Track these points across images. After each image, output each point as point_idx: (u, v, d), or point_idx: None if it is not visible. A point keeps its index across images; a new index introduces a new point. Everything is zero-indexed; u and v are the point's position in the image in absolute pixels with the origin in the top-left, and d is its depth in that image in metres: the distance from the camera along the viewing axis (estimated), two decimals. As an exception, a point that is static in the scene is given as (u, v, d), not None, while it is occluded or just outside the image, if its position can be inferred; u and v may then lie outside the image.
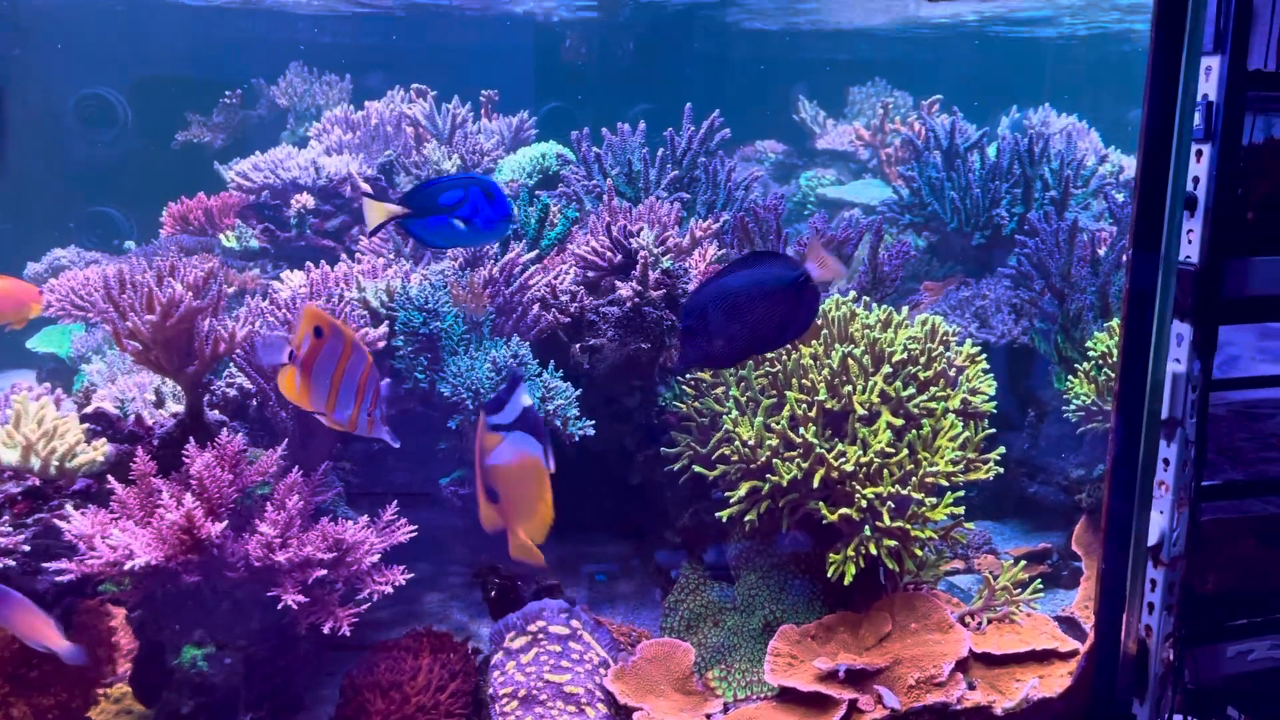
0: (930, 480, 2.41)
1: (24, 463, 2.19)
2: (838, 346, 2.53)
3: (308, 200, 3.68)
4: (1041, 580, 2.87)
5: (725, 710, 2.32)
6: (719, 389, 2.63)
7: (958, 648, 2.36)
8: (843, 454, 2.41)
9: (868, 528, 2.38)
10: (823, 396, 2.47)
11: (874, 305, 2.70)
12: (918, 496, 2.39)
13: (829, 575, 2.39)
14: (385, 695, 2.27)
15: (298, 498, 2.11)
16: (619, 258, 2.66)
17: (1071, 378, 2.88)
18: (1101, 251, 3.06)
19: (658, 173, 3.42)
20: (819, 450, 2.39)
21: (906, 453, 2.43)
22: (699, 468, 2.56)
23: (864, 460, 2.40)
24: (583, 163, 3.58)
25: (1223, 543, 2.07)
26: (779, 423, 2.44)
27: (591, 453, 2.74)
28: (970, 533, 3.04)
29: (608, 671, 2.32)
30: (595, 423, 2.59)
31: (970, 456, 2.51)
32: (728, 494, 2.47)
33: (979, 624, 2.53)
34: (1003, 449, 2.54)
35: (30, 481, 2.19)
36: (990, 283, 3.43)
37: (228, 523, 2.07)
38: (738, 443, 2.46)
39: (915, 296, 3.46)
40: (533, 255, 2.90)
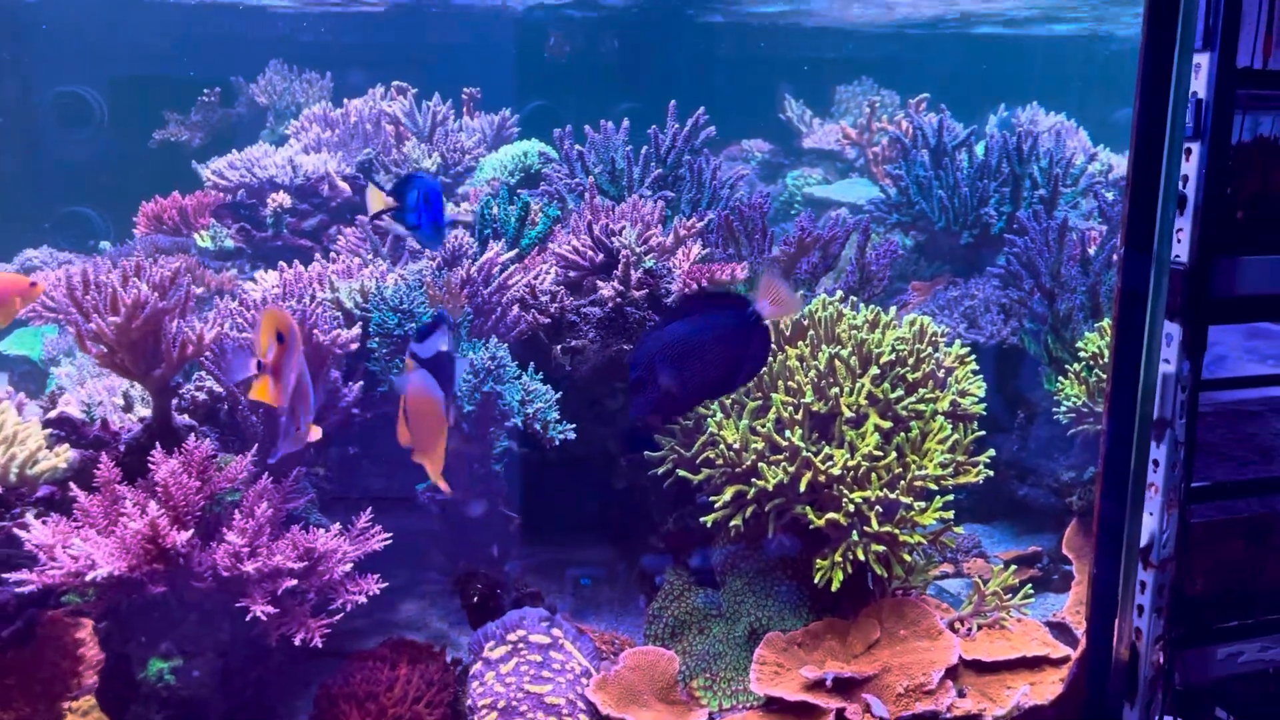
0: (919, 484, 2.37)
1: (-17, 470, 2.12)
2: (824, 348, 2.47)
3: (284, 199, 3.61)
4: (1032, 584, 2.84)
5: (710, 720, 2.27)
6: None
7: (947, 655, 2.32)
8: (830, 457, 2.36)
9: (855, 533, 2.33)
10: (809, 399, 2.41)
11: (861, 305, 2.65)
12: (906, 501, 2.35)
13: (816, 581, 2.34)
14: (361, 706, 2.21)
15: (267, 505, 2.05)
16: (601, 257, 2.60)
17: (1062, 379, 2.83)
18: (1091, 251, 3.01)
19: (641, 171, 3.36)
20: (805, 454, 2.34)
21: (895, 456, 2.38)
22: (683, 471, 2.50)
23: (851, 464, 2.35)
24: (565, 161, 3.52)
25: (1212, 544, 2.05)
26: (764, 425, 2.39)
27: (574, 456, 2.68)
28: (959, 536, 2.99)
29: (590, 681, 2.27)
30: (576, 426, 2.53)
31: (960, 459, 2.46)
32: (712, 498, 2.41)
33: (969, 630, 2.49)
34: (992, 451, 2.50)
35: (-10, 489, 2.12)
36: (979, 282, 3.38)
37: (194, 531, 2.00)
38: (722, 446, 2.40)
39: (903, 296, 3.41)
40: (512, 254, 2.84)
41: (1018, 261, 3.06)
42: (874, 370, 2.45)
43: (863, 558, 2.31)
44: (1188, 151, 1.87)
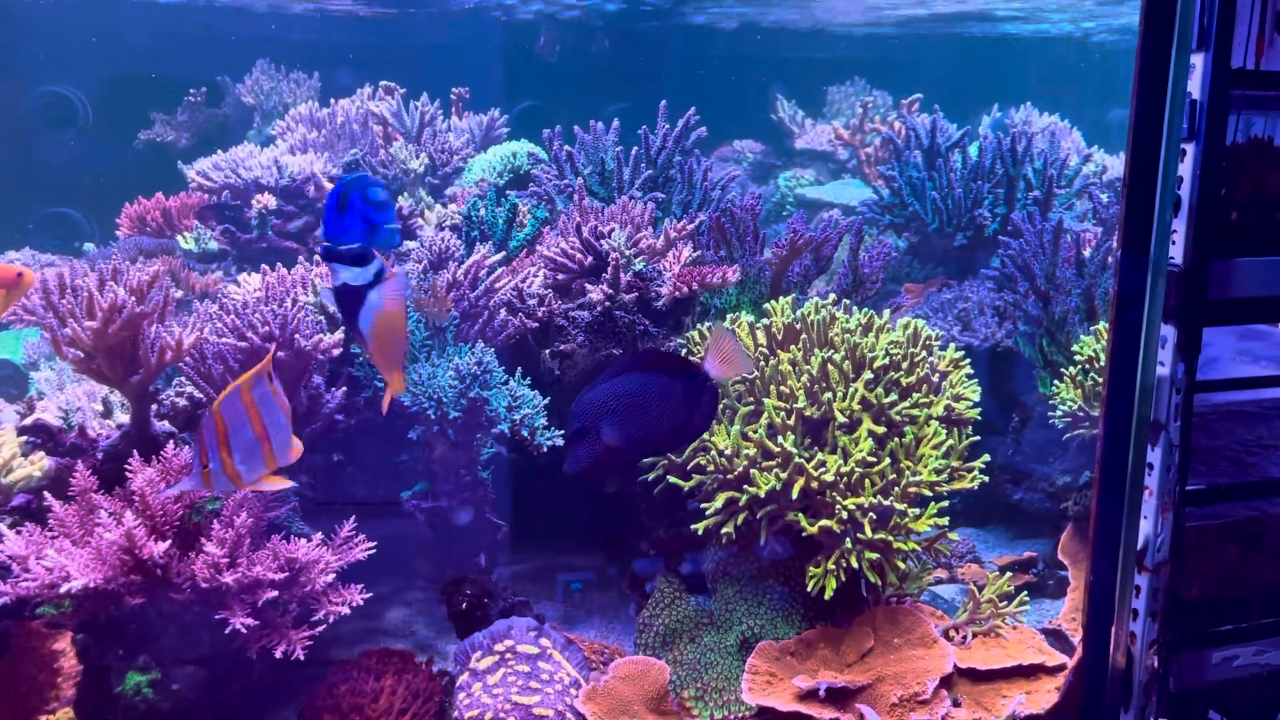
0: (913, 490, 2.33)
1: (-44, 478, 2.07)
2: (817, 352, 2.43)
3: (269, 200, 3.55)
4: (1027, 590, 2.81)
5: (701, 732, 2.23)
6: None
7: (942, 663, 2.29)
8: (822, 463, 2.32)
9: (849, 540, 2.29)
10: (802, 404, 2.37)
11: (855, 308, 2.61)
12: (900, 507, 2.31)
13: (809, 589, 2.30)
14: (345, 719, 2.17)
15: (246, 514, 2.00)
16: (589, 260, 2.56)
17: (1057, 382, 2.80)
18: (1087, 253, 2.98)
19: (631, 172, 3.32)
20: (798, 460, 2.30)
21: (888, 462, 2.34)
22: (674, 478, 2.46)
23: (845, 470, 2.31)
24: (554, 161, 3.47)
25: (1207, 548, 2.03)
26: (756, 431, 2.35)
27: (561, 460, 2.63)
28: (954, 542, 2.96)
29: (579, 692, 2.23)
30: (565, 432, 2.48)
31: (954, 465, 2.42)
32: (704, 505, 2.37)
33: (964, 638, 2.46)
34: (987, 457, 2.46)
35: (-37, 498, 2.07)
36: (973, 285, 3.35)
37: (172, 541, 1.95)
38: (714, 452, 2.36)
39: (896, 299, 3.37)
40: (500, 257, 2.79)
41: (1012, 264, 3.02)
42: (867, 375, 2.41)
43: (856, 565, 2.27)
44: (1182, 153, 1.85)
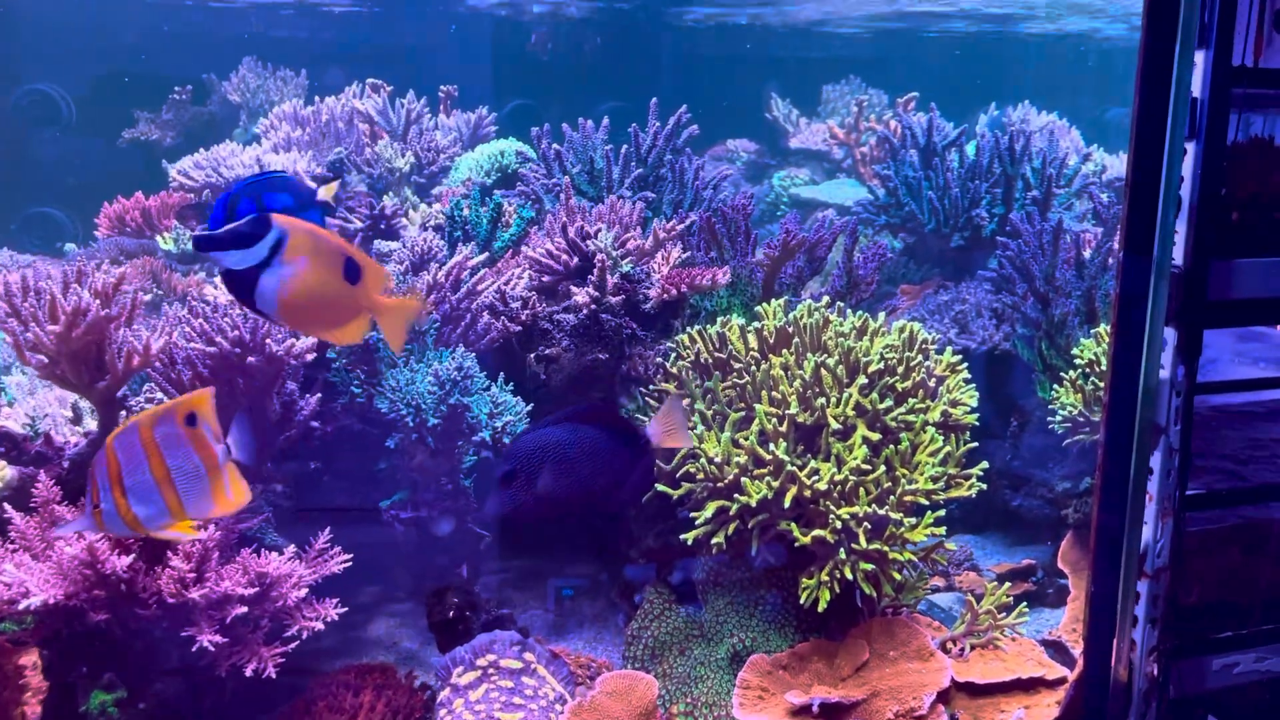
0: (909, 499, 2.26)
1: (-86, 489, 1.99)
2: (810, 356, 2.36)
3: (251, 200, 3.46)
4: (1026, 599, 2.74)
5: (690, 751, 2.16)
6: (684, 401, 2.46)
7: (939, 677, 2.22)
8: (816, 471, 2.25)
9: (843, 550, 2.22)
10: (794, 410, 2.30)
11: (849, 311, 2.54)
12: (896, 516, 2.23)
13: (802, 601, 2.23)
14: (321, 737, 2.09)
15: (214, 527, 1.92)
16: (575, 261, 2.48)
17: (1057, 387, 2.73)
18: (1087, 254, 2.91)
19: (621, 171, 3.24)
20: (790, 468, 2.23)
21: (884, 469, 2.27)
22: (662, 486, 2.38)
23: (838, 478, 2.24)
24: (542, 160, 3.40)
25: (1207, 553, 1.98)
26: (748, 438, 2.27)
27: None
28: (951, 550, 2.90)
29: (564, 708, 2.16)
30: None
31: (951, 472, 2.35)
32: (693, 514, 2.30)
33: (961, 650, 2.39)
34: (985, 464, 2.39)
35: (-79, 509, 1.98)
36: (970, 286, 3.27)
37: (137, 555, 1.87)
38: (703, 460, 2.29)
39: (892, 301, 3.30)
40: (484, 258, 2.71)
41: (1011, 265, 2.95)
42: (862, 380, 2.33)
43: (851, 576, 2.20)
44: (1183, 152, 1.80)
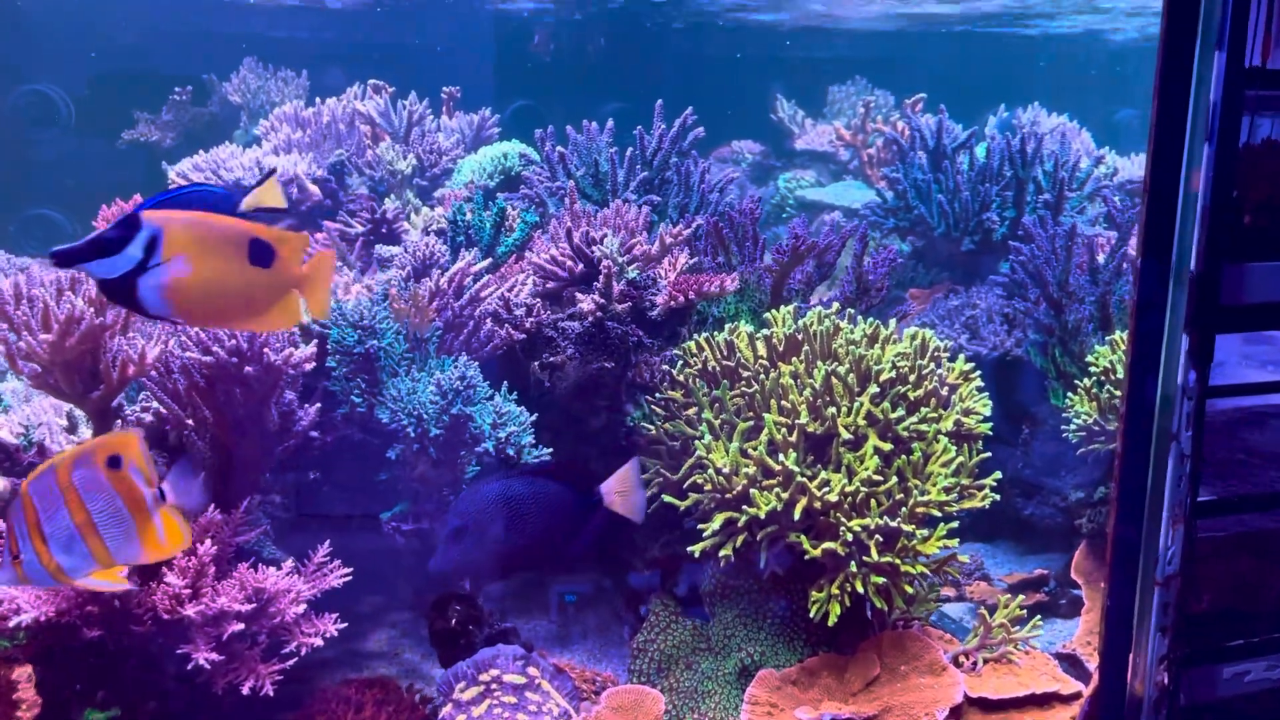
0: (922, 510, 2.21)
1: (-97, 501, 1.94)
2: (820, 364, 2.31)
3: (250, 203, 3.41)
4: (1038, 609, 2.69)
5: (697, 770, 2.11)
6: (691, 410, 2.41)
7: (951, 692, 2.18)
8: (826, 482, 2.20)
9: (854, 563, 2.17)
10: (804, 419, 2.25)
11: (859, 318, 2.49)
12: (908, 528, 2.18)
13: (812, 615, 2.18)
14: (321, 754, 2.05)
15: (210, 542, 1.87)
16: (581, 267, 2.43)
17: (1071, 395, 2.67)
18: (1100, 259, 2.85)
19: (626, 174, 3.19)
20: (800, 479, 2.18)
21: (895, 480, 2.22)
22: (669, 497, 2.34)
23: (849, 489, 2.19)
24: (546, 163, 3.34)
25: (1217, 560, 1.94)
26: (756, 448, 2.22)
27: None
28: (963, 562, 2.85)
29: (568, 725, 2.11)
30: (554, 449, 2.37)
31: (964, 483, 2.30)
32: (701, 526, 2.25)
33: (974, 664, 2.34)
34: (999, 474, 2.34)
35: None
36: (981, 291, 3.22)
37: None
38: (711, 470, 2.24)
39: (903, 307, 3.25)
40: (487, 264, 2.66)
41: (1023, 270, 2.90)
42: (873, 388, 2.28)
43: (861, 589, 2.15)
44: (1201, 155, 1.76)
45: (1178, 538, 1.89)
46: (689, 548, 2.26)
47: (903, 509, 2.20)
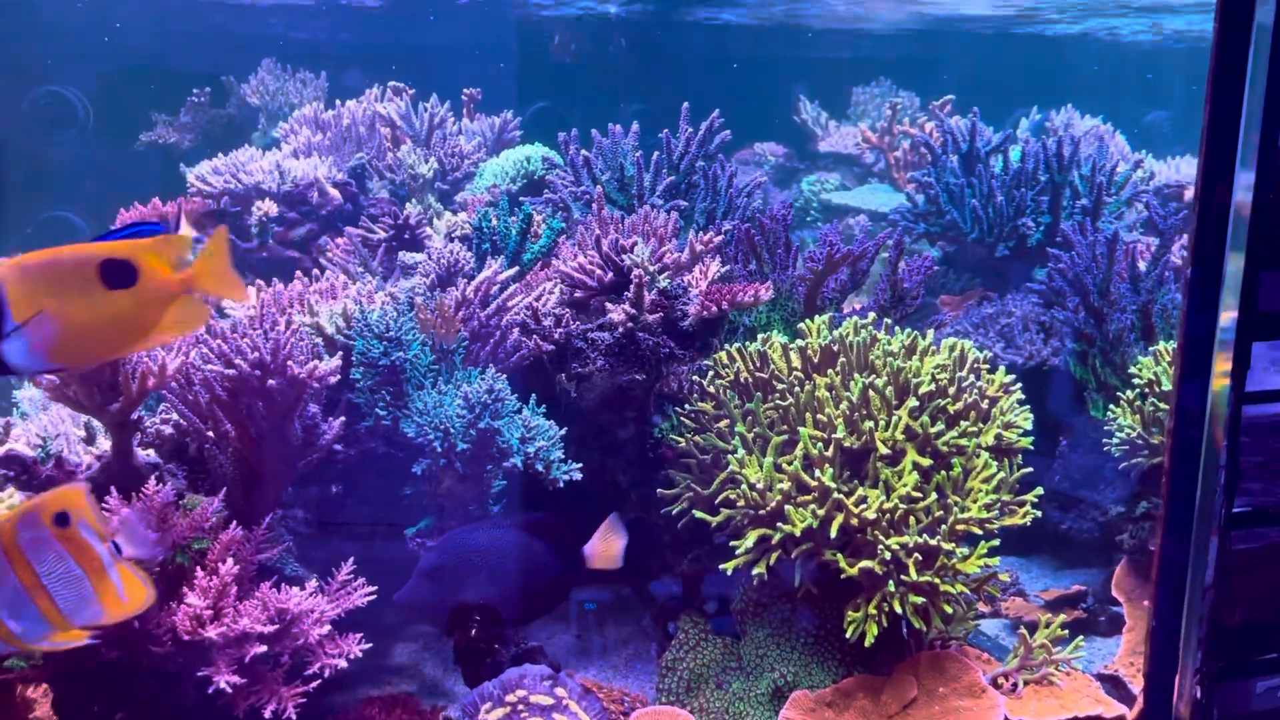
0: (962, 528, 2.13)
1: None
2: (857, 377, 2.24)
3: (270, 207, 3.37)
4: (1076, 626, 2.62)
5: (732, 798, 2.04)
6: (722, 422, 2.34)
7: (991, 715, 2.12)
8: (863, 499, 2.13)
9: (891, 582, 2.10)
10: (841, 434, 2.18)
11: (896, 328, 2.42)
12: (948, 546, 2.11)
13: (848, 635, 2.11)
14: (343, 776, 1.99)
15: (232, 561, 1.81)
16: (610, 276, 2.37)
17: (1113, 407, 2.60)
18: (1142, 266, 2.77)
19: (652, 178, 3.12)
20: (837, 495, 2.11)
21: (935, 497, 2.15)
22: (700, 513, 2.27)
23: (887, 506, 2.12)
24: (570, 167, 3.28)
25: (1251, 572, 1.87)
26: (791, 463, 2.16)
27: (579, 487, 2.45)
28: (1004, 582, 2.78)
29: (597, 748, 2.05)
30: (582, 463, 2.30)
31: (1005, 499, 2.23)
32: (733, 543, 2.18)
33: (1014, 686, 2.28)
34: (1040, 490, 2.27)
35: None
36: (1017, 298, 3.14)
37: (150, 590, 1.77)
38: (744, 485, 2.17)
39: (937, 316, 3.17)
40: (513, 272, 2.60)
41: (1062, 278, 2.82)
42: (912, 402, 2.21)
43: (900, 610, 2.08)
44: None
45: (1212, 549, 1.83)
46: (721, 565, 2.19)
47: (942, 526, 2.13)
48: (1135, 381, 2.57)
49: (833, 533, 2.10)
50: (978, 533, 2.15)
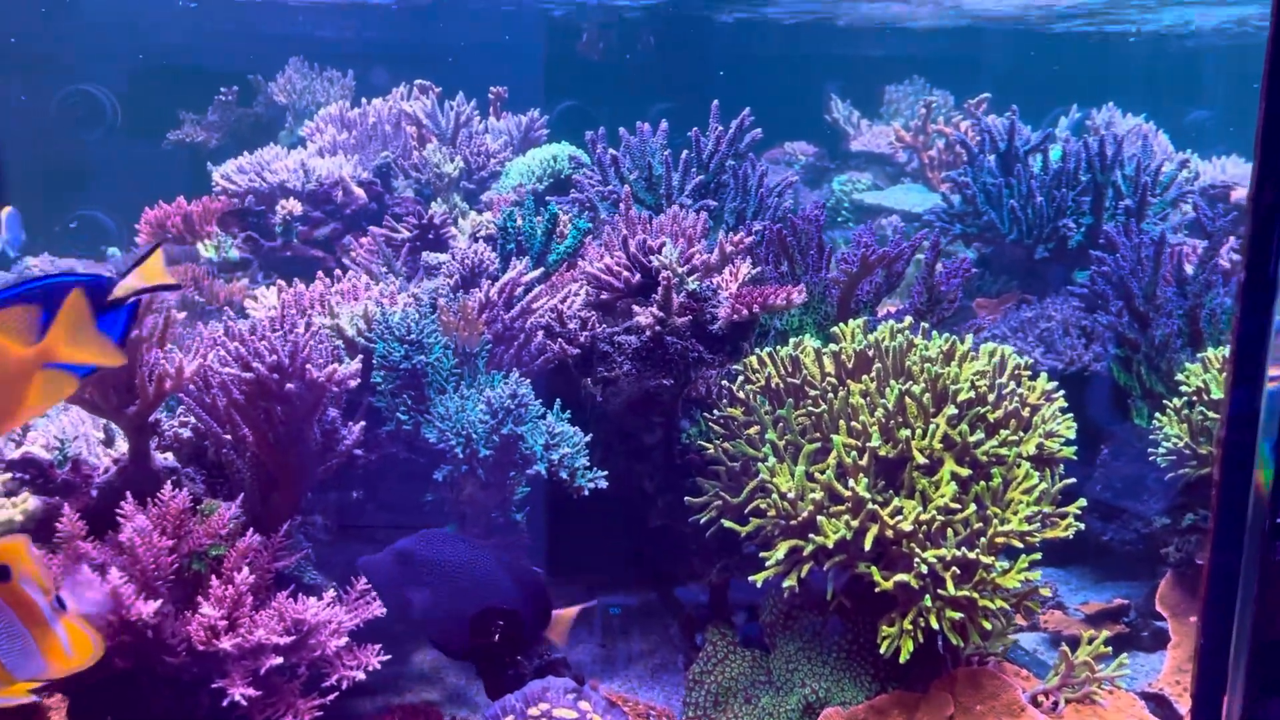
0: (1002, 540, 2.05)
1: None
2: (893, 383, 2.16)
3: (294, 206, 3.34)
4: (1118, 641, 2.53)
5: (761, 819, 1.98)
6: (752, 429, 2.27)
7: (1032, 736, 2.03)
8: (899, 510, 2.05)
9: (928, 596, 2.02)
10: (876, 442, 2.10)
11: (933, 333, 2.34)
12: (987, 560, 2.03)
13: (882, 651, 2.04)
14: (361, 791, 1.94)
15: (248, 570, 1.76)
16: (637, 278, 2.30)
17: (1159, 415, 2.50)
18: (1189, 269, 2.67)
19: (681, 177, 3.05)
20: (871, 506, 2.03)
21: (974, 508, 2.07)
22: (729, 522, 2.20)
23: (924, 518, 2.04)
24: (598, 166, 3.22)
25: None
26: (824, 472, 2.08)
27: (604, 493, 2.39)
28: (1046, 597, 2.69)
29: (622, 765, 1.98)
30: (608, 469, 2.24)
31: (1046, 510, 2.14)
32: (763, 554, 2.11)
33: (1054, 704, 2.19)
34: (1083, 501, 2.18)
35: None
36: (1056, 302, 3.04)
37: (165, 598, 1.73)
38: (775, 495, 2.10)
39: (976, 320, 3.08)
40: (538, 273, 2.54)
41: (1105, 281, 2.72)
42: (950, 409, 2.13)
43: (936, 625, 2.00)
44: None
45: (1254, 561, 1.75)
46: (750, 577, 2.12)
47: (981, 539, 2.05)
48: (1183, 389, 2.47)
49: (867, 545, 2.02)
50: (1018, 545, 2.07)
